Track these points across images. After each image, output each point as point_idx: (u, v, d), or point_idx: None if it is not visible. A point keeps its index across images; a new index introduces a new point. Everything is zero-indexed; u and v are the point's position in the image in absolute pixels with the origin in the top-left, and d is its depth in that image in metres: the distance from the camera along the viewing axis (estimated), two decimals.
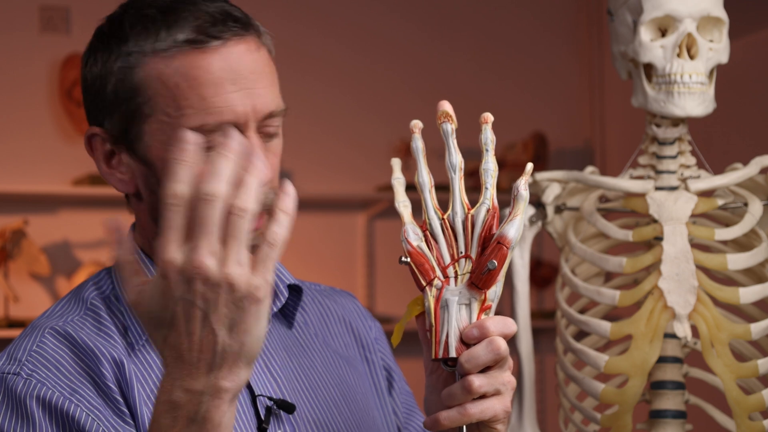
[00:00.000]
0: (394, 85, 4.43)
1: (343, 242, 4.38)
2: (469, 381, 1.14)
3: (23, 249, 3.91)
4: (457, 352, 1.15)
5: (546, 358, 4.32)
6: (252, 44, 1.25)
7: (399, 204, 1.22)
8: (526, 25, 4.62)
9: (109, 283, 1.29)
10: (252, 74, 1.23)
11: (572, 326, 1.88)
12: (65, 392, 1.18)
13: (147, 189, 1.26)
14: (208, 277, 0.98)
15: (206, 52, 1.21)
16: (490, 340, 1.14)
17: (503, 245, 1.16)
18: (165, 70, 1.22)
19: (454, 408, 1.15)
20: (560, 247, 1.94)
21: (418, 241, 1.20)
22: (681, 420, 1.81)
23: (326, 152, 4.24)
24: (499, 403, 1.15)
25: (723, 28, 1.84)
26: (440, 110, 1.23)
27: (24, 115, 4.06)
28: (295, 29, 4.29)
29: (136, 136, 1.24)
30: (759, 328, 1.76)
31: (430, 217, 1.21)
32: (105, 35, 1.28)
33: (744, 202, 1.84)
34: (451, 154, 1.22)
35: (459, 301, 1.17)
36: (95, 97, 1.27)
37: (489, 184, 1.21)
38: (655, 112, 1.83)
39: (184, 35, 1.22)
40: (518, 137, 4.46)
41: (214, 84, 1.21)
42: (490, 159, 1.22)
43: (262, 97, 1.24)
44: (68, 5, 4.11)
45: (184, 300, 0.98)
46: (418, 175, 1.22)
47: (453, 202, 1.21)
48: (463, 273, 1.19)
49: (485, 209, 1.20)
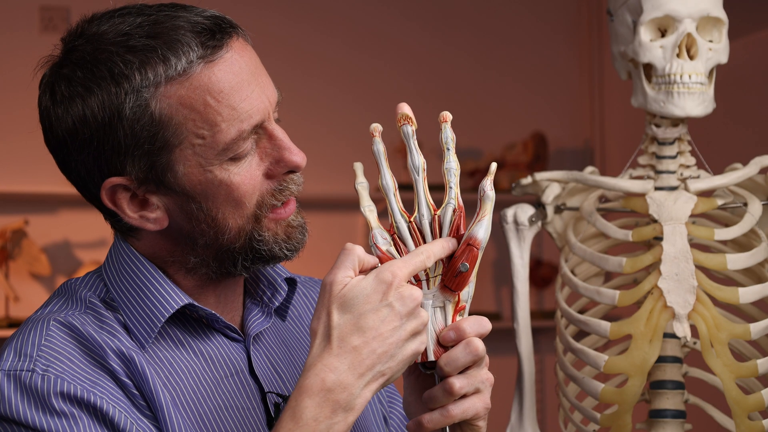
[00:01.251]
0: (394, 85, 4.43)
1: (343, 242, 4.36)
2: (450, 383, 1.16)
3: (23, 249, 3.91)
4: (435, 356, 1.16)
5: (546, 358, 4.32)
6: (242, 41, 1.24)
7: (364, 208, 1.22)
8: (527, 25, 4.62)
9: (102, 285, 1.27)
10: (256, 70, 1.23)
11: (572, 326, 1.88)
12: (86, 385, 1.17)
13: (185, 216, 1.22)
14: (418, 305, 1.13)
15: (218, 63, 1.20)
16: (468, 342, 1.16)
17: (473, 246, 1.16)
18: (187, 94, 1.19)
19: (437, 410, 1.17)
20: (560, 247, 1.94)
21: (387, 246, 1.20)
22: (680, 420, 1.81)
23: (326, 152, 4.24)
24: (479, 401, 1.17)
25: (723, 28, 1.84)
26: (399, 112, 1.23)
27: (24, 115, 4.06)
28: (296, 28, 4.29)
29: (163, 169, 1.20)
30: (758, 328, 1.76)
31: (396, 220, 1.21)
32: (77, 83, 1.19)
33: (743, 202, 1.84)
34: (413, 156, 1.22)
35: (433, 305, 1.18)
36: (98, 147, 1.20)
37: (453, 183, 1.21)
38: (655, 112, 1.83)
39: (195, 53, 1.19)
40: (518, 137, 4.46)
41: (236, 91, 1.20)
42: (451, 158, 1.22)
43: (270, 87, 1.24)
44: (68, 5, 4.12)
45: (391, 307, 1.12)
46: (382, 178, 1.22)
47: (418, 204, 1.21)
48: (435, 275, 1.19)
49: (451, 209, 1.20)
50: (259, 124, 1.22)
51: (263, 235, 1.24)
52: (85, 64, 1.20)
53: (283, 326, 1.37)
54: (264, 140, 1.23)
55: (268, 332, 1.34)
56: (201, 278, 1.27)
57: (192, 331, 1.27)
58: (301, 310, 1.43)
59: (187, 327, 1.27)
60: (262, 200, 1.23)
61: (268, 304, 1.34)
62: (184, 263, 1.26)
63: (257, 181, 1.23)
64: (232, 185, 1.21)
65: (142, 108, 1.18)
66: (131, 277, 1.25)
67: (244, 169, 1.22)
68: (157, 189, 1.21)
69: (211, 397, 1.24)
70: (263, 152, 1.23)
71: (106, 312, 1.24)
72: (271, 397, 1.27)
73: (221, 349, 1.27)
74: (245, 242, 1.24)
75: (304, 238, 1.29)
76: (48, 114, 1.23)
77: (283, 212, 1.26)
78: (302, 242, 1.28)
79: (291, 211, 1.27)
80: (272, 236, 1.25)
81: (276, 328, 1.36)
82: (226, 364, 1.27)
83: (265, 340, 1.33)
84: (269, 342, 1.33)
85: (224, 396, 1.24)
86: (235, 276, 1.28)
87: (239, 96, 1.20)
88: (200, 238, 1.23)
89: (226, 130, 1.19)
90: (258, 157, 1.23)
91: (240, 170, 1.22)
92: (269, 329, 1.34)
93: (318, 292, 1.47)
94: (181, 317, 1.26)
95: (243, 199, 1.22)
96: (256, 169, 1.23)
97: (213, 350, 1.27)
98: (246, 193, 1.22)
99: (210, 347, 1.27)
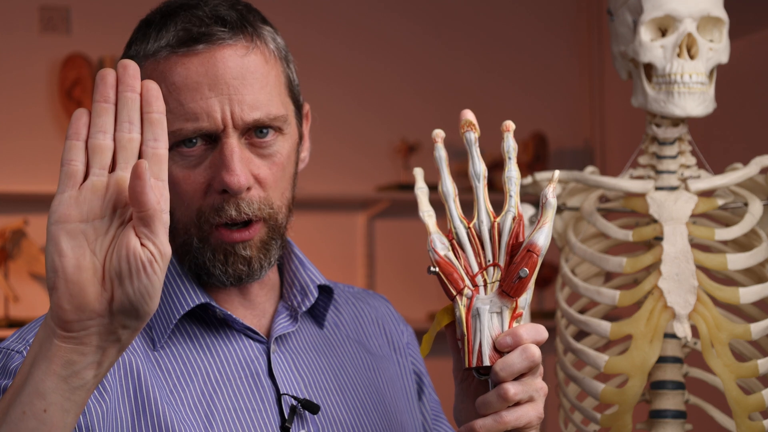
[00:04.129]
0: (394, 85, 4.43)
1: (343, 242, 4.38)
2: (504, 389, 1.15)
3: (23, 249, 3.91)
4: (491, 361, 1.15)
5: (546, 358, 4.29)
6: (240, 49, 1.23)
7: (423, 213, 1.22)
8: (527, 25, 4.62)
9: None
10: (234, 80, 1.22)
11: (572, 326, 1.88)
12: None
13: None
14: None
15: (188, 56, 1.21)
16: (524, 348, 1.15)
17: (533, 253, 1.17)
18: (152, 75, 1.22)
19: (490, 416, 1.16)
20: (560, 247, 1.94)
21: (445, 251, 1.19)
22: (681, 420, 1.81)
23: (326, 152, 4.24)
24: (532, 409, 1.18)
25: (723, 28, 1.84)
26: (463, 119, 1.22)
27: (24, 115, 4.06)
28: (296, 29, 4.29)
29: None
30: (759, 328, 1.76)
31: (456, 225, 1.20)
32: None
33: (744, 202, 1.84)
34: (474, 163, 1.22)
35: (490, 310, 1.17)
36: None
37: (513, 191, 1.21)
38: (655, 112, 1.83)
39: (166, 40, 1.22)
40: (518, 137, 4.46)
41: (191, 89, 1.20)
42: (512, 167, 1.21)
43: (246, 103, 1.22)
44: (68, 5, 4.11)
45: None
46: (442, 184, 1.22)
47: (478, 211, 1.21)
48: (492, 281, 1.18)
49: (511, 217, 1.20)
50: (208, 131, 1.21)
51: (202, 245, 1.24)
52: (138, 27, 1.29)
53: (319, 333, 1.37)
54: (217, 152, 1.23)
55: (298, 336, 1.33)
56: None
57: (213, 330, 1.27)
58: (347, 319, 1.42)
59: (209, 325, 1.27)
60: (201, 211, 1.23)
61: (296, 308, 1.33)
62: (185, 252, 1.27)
63: (197, 187, 1.23)
64: (175, 177, 1.22)
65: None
66: None
67: (187, 167, 1.22)
68: None
69: (222, 397, 1.23)
70: (211, 163, 1.23)
71: None
72: (287, 399, 1.26)
73: (240, 350, 1.27)
74: (191, 242, 1.24)
75: (248, 271, 1.25)
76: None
77: (232, 235, 1.24)
78: (243, 273, 1.25)
79: (244, 238, 1.24)
80: (211, 252, 1.24)
81: (309, 333, 1.35)
82: (242, 365, 1.26)
83: (292, 344, 1.32)
84: (297, 346, 1.32)
85: (236, 397, 1.24)
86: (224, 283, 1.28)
87: (191, 96, 1.20)
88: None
89: (171, 120, 1.20)
90: (207, 164, 1.23)
91: (183, 166, 1.22)
92: (300, 333, 1.34)
93: (375, 305, 1.48)
94: (203, 315, 1.27)
95: (184, 197, 1.23)
96: (198, 175, 1.23)
97: (231, 351, 1.26)
98: (186, 192, 1.23)
99: (228, 347, 1.27)
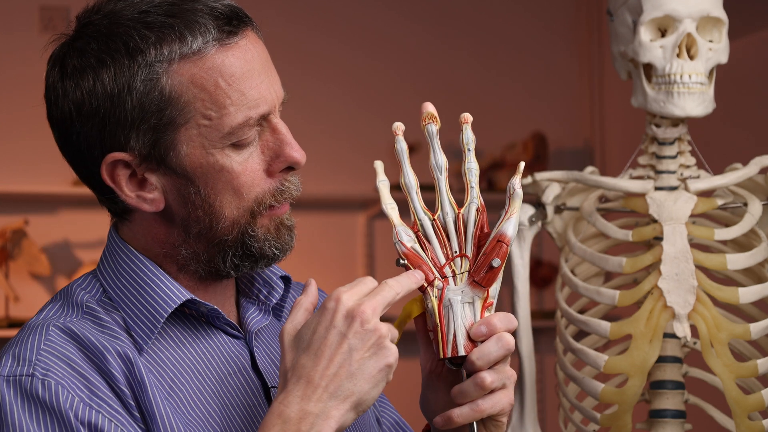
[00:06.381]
0: (394, 85, 4.43)
1: (343, 242, 4.38)
2: (481, 377, 1.17)
3: (23, 249, 3.91)
4: (466, 350, 1.17)
5: (546, 358, 4.32)
6: (255, 35, 1.25)
7: (386, 206, 1.23)
8: (526, 25, 4.62)
9: (98, 287, 1.26)
10: (267, 63, 1.24)
11: (572, 326, 1.88)
12: (84, 396, 1.15)
13: (182, 200, 1.22)
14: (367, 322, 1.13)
15: (231, 49, 1.21)
16: (500, 336, 1.18)
17: (503, 243, 1.18)
18: (199, 73, 1.19)
19: (466, 405, 1.18)
20: (560, 247, 1.94)
21: (412, 243, 1.21)
22: (680, 420, 1.82)
23: (326, 152, 4.24)
24: (505, 396, 1.20)
25: (723, 28, 1.84)
26: (424, 112, 1.24)
27: (24, 115, 4.06)
28: (296, 29, 4.30)
29: (167, 147, 1.20)
30: (758, 328, 1.76)
31: (420, 218, 1.22)
32: (90, 55, 1.19)
33: (743, 202, 1.84)
34: (435, 155, 1.24)
35: (462, 300, 1.18)
36: (104, 118, 1.19)
37: (474, 183, 1.23)
38: (655, 112, 1.83)
39: (212, 35, 1.20)
40: (518, 137, 4.46)
41: (247, 78, 1.21)
42: (472, 158, 1.23)
43: (278, 83, 1.25)
44: (68, 5, 4.12)
45: (340, 331, 1.12)
46: (404, 176, 1.23)
47: (441, 202, 1.23)
48: (462, 272, 1.20)
49: (475, 208, 1.22)
50: (265, 114, 1.22)
51: (256, 231, 1.24)
52: (100, 37, 1.20)
53: (279, 325, 1.37)
54: (267, 133, 1.24)
55: (266, 330, 1.34)
56: (191, 277, 1.27)
57: (192, 329, 1.27)
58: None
59: (187, 325, 1.26)
60: (262, 198, 1.23)
61: (264, 302, 1.34)
62: (175, 258, 1.25)
63: (257, 176, 1.23)
64: (232, 172, 1.21)
65: (153, 82, 1.18)
66: (130, 275, 1.25)
67: (245, 158, 1.22)
68: (158, 168, 1.21)
69: (217, 396, 1.24)
70: (265, 145, 1.24)
71: (105, 315, 1.23)
72: (275, 392, 1.27)
73: (223, 347, 1.27)
74: (238, 235, 1.24)
75: (292, 240, 1.28)
76: (55, 87, 1.22)
77: (279, 210, 1.26)
78: (290, 244, 1.28)
79: (285, 210, 1.27)
80: (264, 233, 1.25)
81: (273, 326, 1.36)
82: (228, 362, 1.27)
83: (264, 337, 1.33)
84: (268, 339, 1.33)
85: (230, 394, 1.24)
86: (222, 276, 1.27)
87: (249, 83, 1.21)
88: (194, 226, 1.23)
89: (234, 114, 1.20)
90: (260, 149, 1.23)
91: (241, 159, 1.22)
92: (266, 327, 1.34)
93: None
94: (180, 315, 1.26)
95: (242, 189, 1.22)
96: (257, 163, 1.23)
97: (214, 348, 1.27)
98: (245, 184, 1.22)
99: (211, 345, 1.27)
